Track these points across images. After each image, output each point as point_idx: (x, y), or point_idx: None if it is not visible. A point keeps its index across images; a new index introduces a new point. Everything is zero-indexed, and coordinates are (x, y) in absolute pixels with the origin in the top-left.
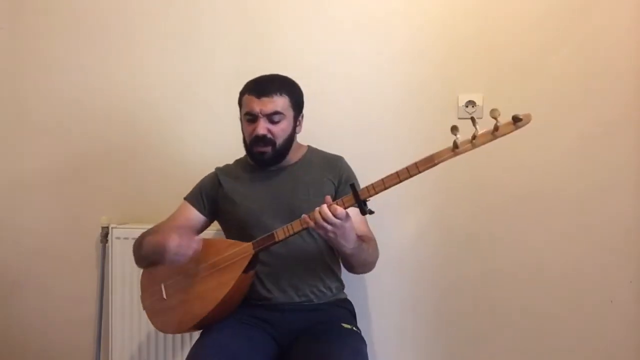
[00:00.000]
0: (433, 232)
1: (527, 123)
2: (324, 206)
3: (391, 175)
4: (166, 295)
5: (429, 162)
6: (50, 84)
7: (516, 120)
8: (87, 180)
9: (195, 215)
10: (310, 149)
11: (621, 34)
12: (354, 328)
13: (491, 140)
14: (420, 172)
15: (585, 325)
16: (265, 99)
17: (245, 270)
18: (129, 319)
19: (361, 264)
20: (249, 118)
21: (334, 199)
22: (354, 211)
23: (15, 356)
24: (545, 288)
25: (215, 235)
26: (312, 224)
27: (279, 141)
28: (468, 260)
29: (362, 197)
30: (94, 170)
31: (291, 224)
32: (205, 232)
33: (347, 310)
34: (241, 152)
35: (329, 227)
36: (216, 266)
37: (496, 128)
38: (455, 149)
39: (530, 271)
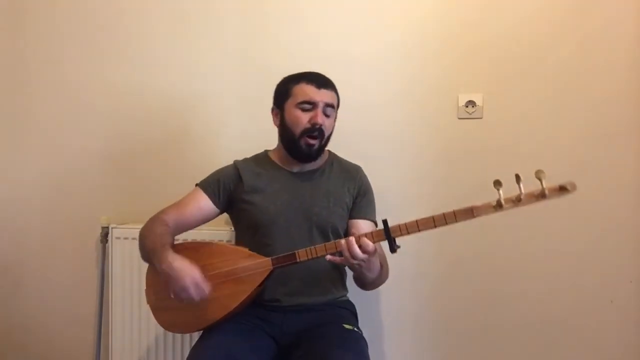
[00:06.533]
0: (433, 232)
1: (572, 193)
2: (353, 243)
3: (427, 219)
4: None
5: (468, 214)
6: (50, 83)
7: (563, 189)
8: (87, 180)
9: (207, 205)
10: (331, 155)
11: (621, 33)
12: (355, 329)
13: (535, 202)
14: (457, 221)
15: (585, 325)
16: (324, 91)
17: (261, 284)
18: (129, 318)
19: (373, 284)
20: (306, 107)
21: (350, 210)
22: (368, 225)
23: (16, 355)
24: (545, 288)
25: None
26: (338, 260)
27: (327, 134)
28: (468, 260)
29: (393, 235)
30: (94, 171)
31: (315, 248)
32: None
33: (348, 311)
34: (242, 152)
35: (354, 262)
36: (231, 275)
37: (543, 194)
38: (498, 207)
39: (531, 271)
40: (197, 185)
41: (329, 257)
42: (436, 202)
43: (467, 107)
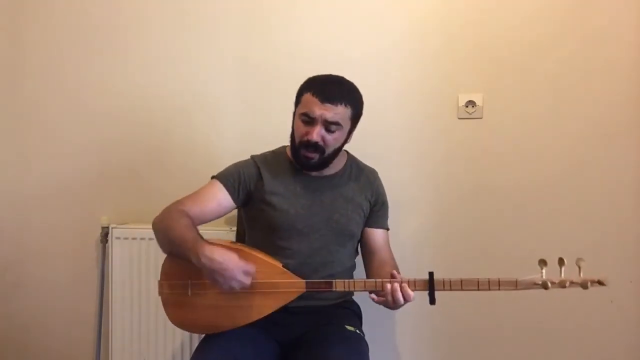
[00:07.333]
0: (433, 232)
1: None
2: (398, 290)
3: (471, 280)
4: (191, 293)
5: (511, 285)
6: (50, 84)
7: (600, 283)
8: (87, 180)
9: (226, 200)
10: (349, 158)
11: (622, 33)
12: (357, 331)
13: (575, 287)
14: (499, 289)
15: (585, 325)
16: (328, 106)
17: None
18: (129, 318)
19: None
20: (306, 120)
21: (366, 218)
22: (383, 233)
23: (16, 355)
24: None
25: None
26: (381, 301)
27: (329, 150)
28: (469, 261)
29: (436, 288)
30: (94, 171)
31: (354, 282)
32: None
33: (352, 311)
34: (242, 152)
35: (393, 306)
36: (261, 288)
37: (585, 285)
38: (543, 287)
39: (531, 271)
40: (214, 177)
41: (376, 298)
42: (436, 201)
43: (467, 107)
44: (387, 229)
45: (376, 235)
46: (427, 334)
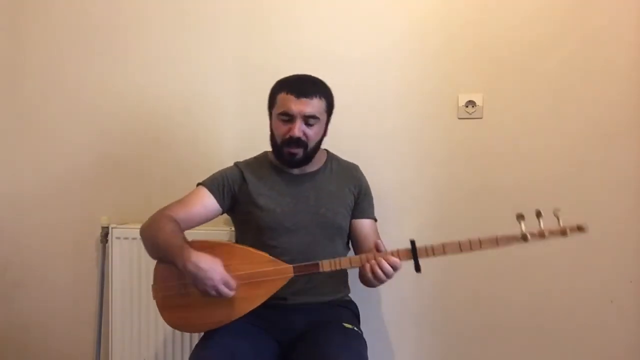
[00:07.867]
0: (434, 233)
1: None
2: (383, 261)
3: (453, 243)
4: (185, 293)
5: (493, 243)
6: (50, 83)
7: (580, 228)
8: (87, 180)
9: (212, 205)
10: (329, 155)
11: (622, 33)
12: (355, 328)
13: (554, 237)
14: (482, 249)
15: (585, 325)
16: (304, 100)
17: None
18: (129, 318)
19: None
20: (285, 118)
21: (352, 210)
22: (370, 223)
23: (16, 355)
24: (545, 288)
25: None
26: (370, 275)
27: (311, 144)
28: (468, 261)
29: (419, 256)
30: (94, 171)
31: (340, 260)
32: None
33: (350, 310)
34: (242, 153)
35: (384, 279)
36: (249, 278)
37: (564, 232)
38: (523, 240)
39: (531, 271)
40: (200, 184)
41: (370, 275)
42: (436, 201)
43: (467, 107)
44: (375, 219)
45: (364, 225)
46: (427, 333)
